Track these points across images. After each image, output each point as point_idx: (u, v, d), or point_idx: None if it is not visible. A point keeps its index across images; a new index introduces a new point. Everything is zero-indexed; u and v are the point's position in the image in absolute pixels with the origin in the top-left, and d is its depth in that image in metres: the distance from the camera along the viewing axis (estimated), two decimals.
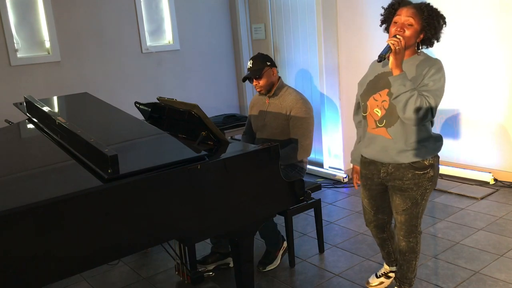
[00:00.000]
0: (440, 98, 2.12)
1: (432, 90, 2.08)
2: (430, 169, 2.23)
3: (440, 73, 2.12)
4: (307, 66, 5.05)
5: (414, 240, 2.39)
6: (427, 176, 2.24)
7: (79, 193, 1.75)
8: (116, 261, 3.22)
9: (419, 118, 2.06)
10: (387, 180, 2.31)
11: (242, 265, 2.32)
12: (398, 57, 2.02)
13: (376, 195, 2.43)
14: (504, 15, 3.98)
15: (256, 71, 3.11)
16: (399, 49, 2.01)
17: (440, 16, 2.14)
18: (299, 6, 5.00)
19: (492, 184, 4.21)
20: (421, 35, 2.15)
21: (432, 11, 2.12)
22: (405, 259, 2.44)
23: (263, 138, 3.16)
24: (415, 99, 2.02)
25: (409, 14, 2.11)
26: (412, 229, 2.36)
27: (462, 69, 4.31)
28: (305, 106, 3.08)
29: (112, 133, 2.49)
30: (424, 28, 2.12)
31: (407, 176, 2.23)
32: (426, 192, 2.28)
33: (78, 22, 4.63)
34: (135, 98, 3.54)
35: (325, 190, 4.44)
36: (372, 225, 2.57)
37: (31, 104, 2.83)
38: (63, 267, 1.75)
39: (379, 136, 2.25)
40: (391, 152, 2.23)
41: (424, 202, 2.30)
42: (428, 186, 2.26)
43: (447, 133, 4.56)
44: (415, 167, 2.22)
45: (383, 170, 2.30)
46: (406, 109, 2.05)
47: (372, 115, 2.26)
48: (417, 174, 2.22)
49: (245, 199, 2.19)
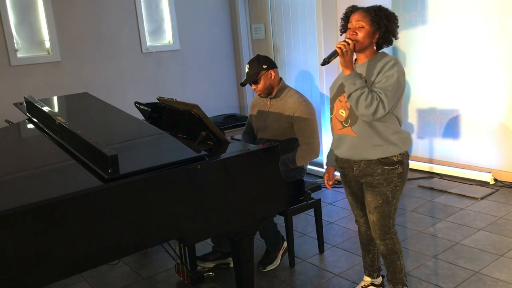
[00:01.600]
0: (392, 93, 2.17)
1: (383, 86, 2.17)
2: (399, 165, 2.30)
3: (393, 69, 2.19)
4: (307, 66, 5.05)
5: (390, 242, 2.43)
6: (396, 172, 2.31)
7: (79, 193, 1.74)
8: (116, 261, 3.22)
9: (371, 113, 2.15)
10: (360, 177, 2.39)
11: (242, 265, 2.32)
12: (346, 58, 2.17)
13: (356, 191, 2.50)
14: (504, 15, 3.98)
15: (252, 76, 3.09)
16: (345, 51, 2.15)
17: (389, 15, 2.25)
18: (299, 6, 5.00)
19: (492, 184, 4.21)
20: (376, 35, 2.25)
21: (379, 11, 2.24)
22: (388, 261, 2.48)
23: (264, 139, 3.16)
24: (365, 96, 2.13)
25: (359, 18, 2.23)
26: (386, 230, 2.40)
27: (462, 69, 4.31)
28: (308, 108, 3.07)
29: (112, 133, 2.49)
30: (376, 28, 2.23)
31: (377, 172, 2.31)
32: (396, 189, 2.34)
33: (78, 22, 4.63)
34: (135, 98, 3.54)
35: (325, 190, 4.43)
36: (362, 220, 2.59)
37: (31, 104, 2.83)
38: (63, 267, 1.75)
39: (346, 135, 2.34)
40: (359, 149, 2.32)
41: (395, 201, 2.37)
42: (398, 182, 2.33)
43: (447, 133, 4.56)
44: (384, 163, 2.29)
45: (355, 167, 2.38)
46: (358, 106, 2.16)
47: (337, 117, 2.38)
48: (386, 170, 2.30)
49: (245, 199, 2.19)
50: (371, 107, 2.13)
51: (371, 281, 2.68)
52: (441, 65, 4.45)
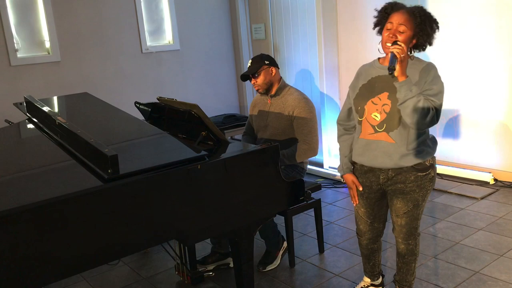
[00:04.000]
0: (442, 101, 2.12)
1: (436, 94, 2.09)
2: (431, 169, 2.24)
3: (439, 76, 2.14)
4: (307, 66, 5.05)
5: (413, 242, 2.37)
6: (429, 177, 2.24)
7: (79, 193, 1.74)
8: (116, 261, 3.22)
9: (427, 122, 2.06)
10: (388, 185, 2.27)
11: (242, 265, 2.32)
12: (404, 64, 2.03)
13: (374, 203, 2.38)
14: (503, 14, 3.98)
15: (253, 68, 3.11)
16: (403, 57, 2.01)
17: (433, 21, 2.13)
18: (299, 6, 5.00)
19: (492, 184, 4.20)
20: (414, 41, 2.14)
21: (425, 17, 2.10)
22: (404, 261, 2.42)
23: (264, 138, 3.16)
24: (422, 104, 2.02)
25: (401, 21, 2.08)
26: (412, 231, 2.34)
27: (462, 69, 4.31)
28: (308, 105, 3.08)
29: (112, 133, 2.49)
30: (417, 33, 2.11)
31: (410, 179, 2.21)
32: (427, 193, 2.28)
33: (78, 22, 4.63)
34: (135, 98, 3.54)
35: (325, 190, 4.43)
36: (366, 236, 2.49)
37: (31, 104, 2.83)
38: (63, 267, 1.75)
39: (380, 141, 2.20)
40: (394, 157, 2.19)
41: (424, 204, 2.31)
42: (429, 186, 2.27)
43: (447, 133, 4.56)
44: (417, 169, 2.21)
45: (382, 176, 2.26)
46: (413, 114, 2.04)
47: (368, 120, 2.22)
48: (419, 176, 2.21)
49: (245, 199, 2.19)
50: (428, 117, 2.04)
51: (371, 282, 2.67)
52: (441, 65, 4.43)
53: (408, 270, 2.44)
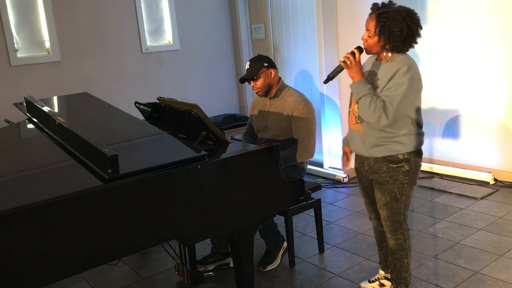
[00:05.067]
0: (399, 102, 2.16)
1: (391, 95, 2.16)
2: (405, 163, 2.30)
3: (405, 77, 2.15)
4: (307, 66, 5.05)
5: (401, 237, 2.43)
6: (402, 170, 2.31)
7: (79, 193, 1.75)
8: (116, 261, 3.22)
9: (375, 122, 2.19)
10: (370, 174, 2.40)
11: (242, 265, 2.32)
12: (353, 69, 2.22)
13: (367, 186, 2.52)
14: (502, 14, 3.98)
15: (252, 72, 3.08)
16: (350, 64, 2.21)
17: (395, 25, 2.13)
18: (299, 6, 5.00)
19: (492, 184, 4.20)
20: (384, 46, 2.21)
21: (387, 19, 2.14)
22: (396, 257, 2.48)
23: (264, 139, 3.15)
24: (368, 104, 2.17)
25: (367, 26, 2.22)
26: (397, 226, 2.41)
27: (462, 69, 4.31)
28: (307, 107, 3.07)
29: (112, 133, 2.49)
30: (379, 33, 2.18)
31: (383, 169, 2.33)
32: (404, 187, 2.34)
33: (78, 22, 4.63)
34: (135, 98, 3.54)
35: (325, 190, 4.43)
36: (373, 216, 2.61)
37: (31, 104, 2.83)
38: (63, 267, 1.75)
39: (357, 131, 2.37)
40: (366, 147, 2.34)
41: (404, 198, 2.36)
42: (404, 180, 2.32)
43: (447, 133, 4.56)
44: (389, 160, 2.30)
45: (366, 163, 2.40)
46: (363, 113, 2.22)
47: (353, 112, 2.38)
48: (391, 168, 2.31)
49: (245, 199, 2.19)
50: (374, 116, 2.16)
51: (385, 275, 2.70)
52: (441, 65, 4.45)
53: (402, 267, 2.48)
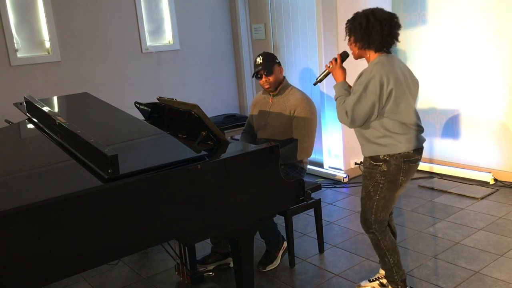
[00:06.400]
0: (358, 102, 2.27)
1: (350, 97, 2.32)
2: (383, 163, 2.35)
3: (364, 76, 2.29)
4: (307, 66, 5.05)
5: (373, 237, 2.47)
6: (379, 169, 2.37)
7: (79, 193, 1.75)
8: (116, 261, 3.22)
9: (341, 121, 2.38)
10: None
11: (242, 265, 2.32)
12: (335, 73, 2.47)
13: None
14: (502, 14, 3.98)
15: (268, 66, 3.10)
16: (332, 68, 2.47)
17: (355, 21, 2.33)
18: (299, 6, 5.00)
19: (492, 184, 4.21)
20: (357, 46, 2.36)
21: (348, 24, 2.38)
22: (378, 255, 2.53)
23: (264, 137, 3.16)
24: (338, 105, 2.37)
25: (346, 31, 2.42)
26: (367, 224, 2.47)
27: (462, 69, 4.31)
28: (309, 106, 3.07)
29: (112, 133, 2.49)
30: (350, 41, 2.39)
31: (366, 165, 2.45)
32: (379, 186, 2.38)
33: (78, 22, 4.63)
34: (135, 98, 3.54)
35: (325, 190, 4.43)
36: None
37: (31, 104, 2.83)
38: (63, 267, 1.75)
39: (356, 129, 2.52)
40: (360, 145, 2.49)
41: (378, 198, 2.40)
42: (380, 180, 2.37)
43: (447, 133, 4.56)
44: (372, 157, 2.41)
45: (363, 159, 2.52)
46: (337, 112, 2.40)
47: None
48: (371, 164, 2.40)
49: (245, 199, 2.19)
50: (340, 115, 2.36)
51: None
52: (441, 65, 4.45)
53: (385, 265, 2.51)
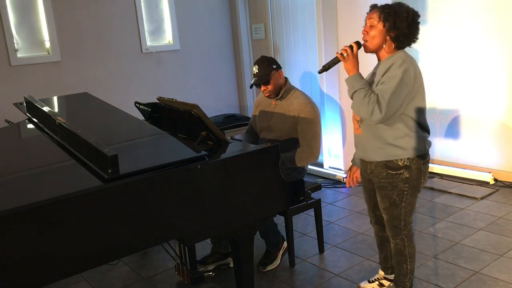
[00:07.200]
0: (392, 95, 2.10)
1: (383, 88, 2.11)
2: (405, 170, 2.23)
3: (398, 70, 2.12)
4: (308, 66, 5.05)
5: (401, 243, 2.38)
6: (402, 177, 2.24)
7: (79, 193, 1.75)
8: (116, 261, 3.22)
9: (368, 116, 2.12)
10: (372, 177, 2.37)
11: (242, 265, 2.32)
12: (349, 62, 2.19)
13: (370, 191, 2.48)
14: (503, 14, 3.98)
15: (263, 76, 3.04)
16: (347, 56, 2.18)
17: (398, 16, 2.15)
18: (299, 6, 5.00)
19: (492, 184, 4.20)
20: (388, 35, 2.18)
21: (390, 9, 2.17)
22: (396, 261, 2.45)
23: (267, 139, 3.14)
24: (362, 98, 2.12)
25: (371, 16, 2.21)
26: (396, 231, 2.37)
27: (462, 69, 4.31)
28: (314, 110, 3.05)
29: (112, 133, 2.49)
30: (383, 25, 2.17)
31: (382, 175, 2.28)
32: (404, 194, 2.27)
33: (78, 22, 4.63)
34: (135, 98, 3.53)
35: (325, 190, 4.43)
36: (373, 221, 2.60)
37: (31, 104, 2.83)
38: (63, 267, 1.75)
39: (360, 135, 2.34)
40: (367, 150, 2.31)
41: (405, 205, 2.30)
42: (404, 187, 2.26)
43: (447, 133, 4.56)
44: (389, 167, 2.25)
45: (368, 167, 2.36)
46: (356, 108, 2.17)
47: (355, 116, 2.35)
48: (390, 174, 2.25)
49: (245, 199, 2.19)
50: (367, 109, 2.10)
51: (385, 275, 2.70)
52: (441, 65, 4.45)
53: (400, 271, 2.45)
